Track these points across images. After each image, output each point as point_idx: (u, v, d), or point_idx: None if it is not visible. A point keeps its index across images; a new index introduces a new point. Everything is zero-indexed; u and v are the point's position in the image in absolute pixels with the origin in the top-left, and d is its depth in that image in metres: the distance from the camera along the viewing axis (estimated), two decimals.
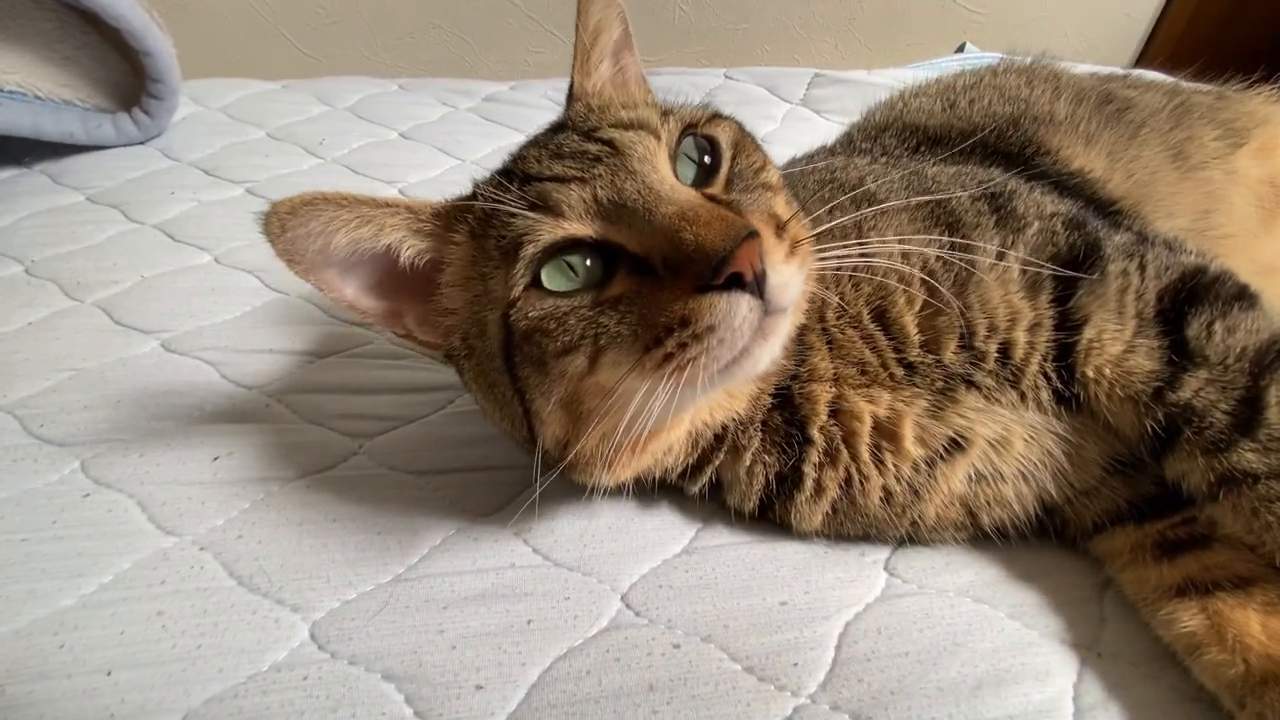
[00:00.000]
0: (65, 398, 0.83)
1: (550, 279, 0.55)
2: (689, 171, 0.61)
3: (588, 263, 0.55)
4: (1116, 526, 0.68)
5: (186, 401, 0.84)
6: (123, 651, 0.59)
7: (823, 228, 0.63)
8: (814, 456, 0.67)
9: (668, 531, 0.72)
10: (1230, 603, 0.58)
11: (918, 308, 0.65)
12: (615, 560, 0.69)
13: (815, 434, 0.66)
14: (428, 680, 0.59)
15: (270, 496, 0.73)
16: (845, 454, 0.67)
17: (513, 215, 0.55)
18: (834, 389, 0.66)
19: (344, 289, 0.61)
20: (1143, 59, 2.38)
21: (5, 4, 1.20)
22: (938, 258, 0.65)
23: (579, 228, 0.55)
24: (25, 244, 1.09)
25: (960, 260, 0.64)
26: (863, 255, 0.64)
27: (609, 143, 0.57)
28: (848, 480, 0.68)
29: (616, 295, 0.54)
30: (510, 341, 0.57)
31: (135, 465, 0.75)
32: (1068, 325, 0.64)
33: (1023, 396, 0.65)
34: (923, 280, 0.65)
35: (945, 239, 0.65)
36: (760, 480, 0.68)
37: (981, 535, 0.71)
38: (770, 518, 0.71)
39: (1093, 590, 0.68)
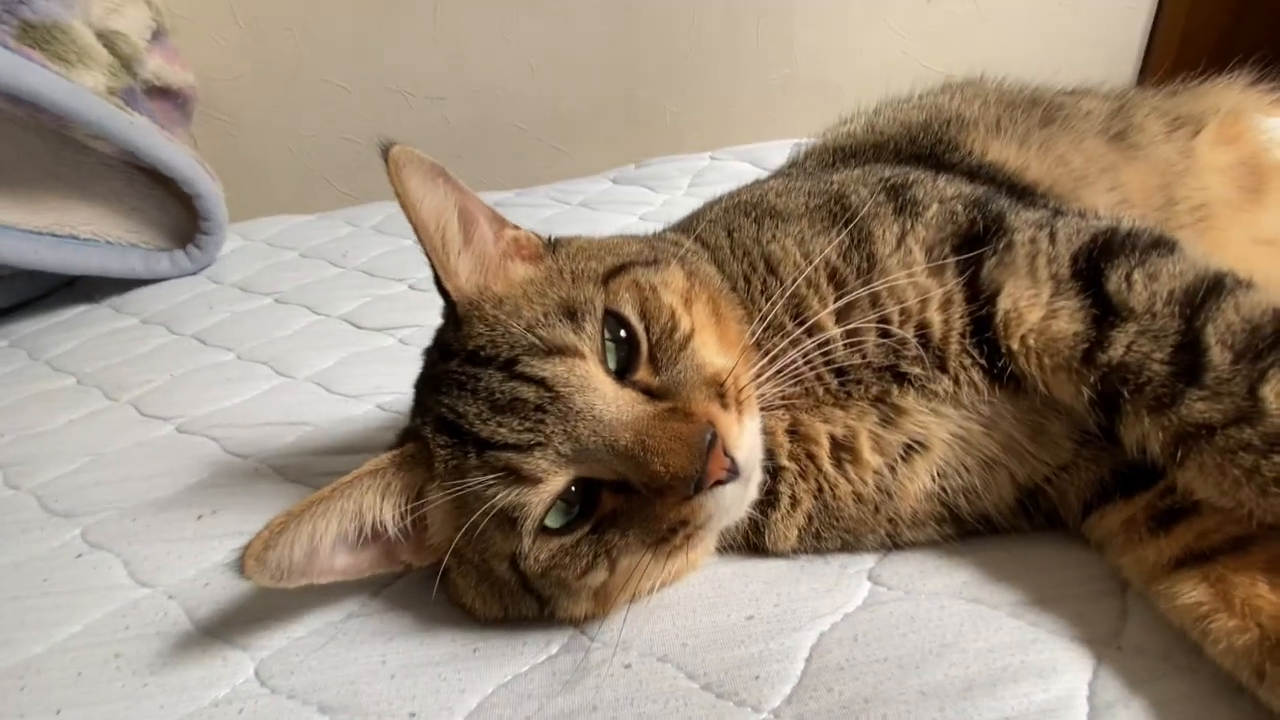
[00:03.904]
0: (81, 477, 0.90)
1: (549, 519, 0.56)
2: (614, 355, 0.58)
3: (573, 488, 0.56)
4: (1106, 505, 0.62)
5: (186, 471, 0.89)
6: (76, 691, 0.60)
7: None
8: (789, 478, 0.65)
9: None
10: (1232, 565, 0.52)
11: (830, 304, 0.64)
12: None
13: (786, 461, 0.65)
14: (360, 710, 0.56)
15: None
16: (812, 468, 0.65)
17: (489, 489, 0.54)
18: (787, 416, 0.65)
19: (335, 567, 0.59)
20: (1149, 54, 2.26)
21: (86, 169, 1.44)
22: (837, 253, 0.64)
23: (558, 482, 0.55)
24: (81, 361, 1.23)
25: (860, 250, 0.64)
26: (783, 292, 0.63)
27: (541, 383, 0.55)
28: (819, 489, 0.65)
29: (611, 510, 0.57)
30: (525, 579, 0.58)
31: (127, 528, 0.79)
32: (980, 298, 0.62)
33: (956, 381, 0.62)
34: (828, 277, 0.64)
35: (844, 233, 0.65)
36: (743, 523, 0.65)
37: (968, 530, 0.65)
38: (747, 542, 0.67)
39: (1113, 582, 0.60)
